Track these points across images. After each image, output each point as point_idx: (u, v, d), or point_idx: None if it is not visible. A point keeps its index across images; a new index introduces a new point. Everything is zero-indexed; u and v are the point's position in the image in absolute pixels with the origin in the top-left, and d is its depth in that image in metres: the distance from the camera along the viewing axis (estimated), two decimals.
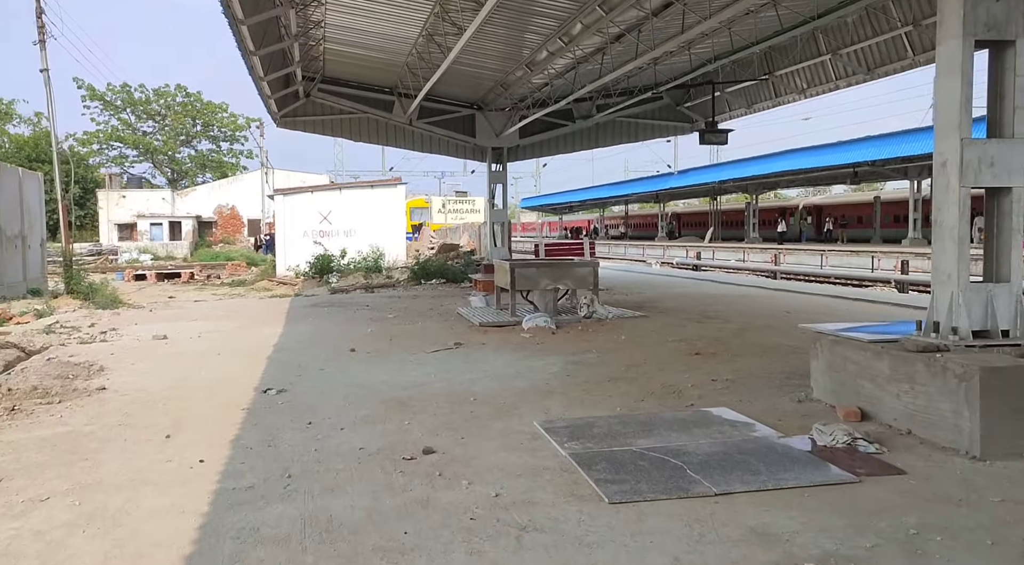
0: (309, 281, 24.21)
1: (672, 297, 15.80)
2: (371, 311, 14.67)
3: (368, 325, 12.47)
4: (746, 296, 15.63)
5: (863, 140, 38.00)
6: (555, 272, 12.45)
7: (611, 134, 21.81)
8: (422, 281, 20.67)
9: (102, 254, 42.45)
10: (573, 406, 6.53)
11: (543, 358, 8.89)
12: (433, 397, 7.03)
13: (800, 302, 14.20)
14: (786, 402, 6.38)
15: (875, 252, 30.82)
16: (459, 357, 9.19)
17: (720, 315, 12.43)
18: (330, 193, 27.21)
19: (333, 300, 17.50)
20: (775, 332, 10.36)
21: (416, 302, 16.29)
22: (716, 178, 51.83)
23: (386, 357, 9.33)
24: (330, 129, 20.41)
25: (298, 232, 26.72)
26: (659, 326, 11.28)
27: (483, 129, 20.75)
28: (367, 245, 25.74)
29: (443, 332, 11.42)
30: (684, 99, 20.94)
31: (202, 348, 10.52)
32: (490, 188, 21.05)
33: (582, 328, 11.27)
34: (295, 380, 8.05)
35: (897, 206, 47.06)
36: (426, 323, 12.58)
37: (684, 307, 13.77)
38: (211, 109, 68.27)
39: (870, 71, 14.52)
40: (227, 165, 69.42)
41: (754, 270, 31.38)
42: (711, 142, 16.51)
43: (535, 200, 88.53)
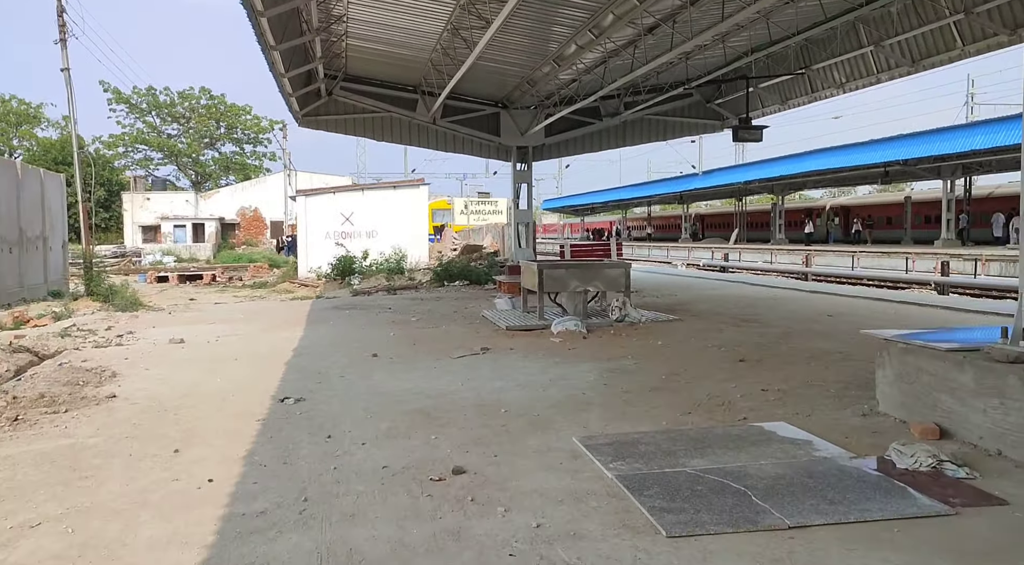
0: (331, 283, 23.85)
1: (705, 299, 15.22)
2: (393, 314, 14.23)
3: (391, 328, 12.02)
4: (781, 298, 15.01)
5: (894, 139, 37.09)
6: (585, 274, 11.93)
7: (639, 132, 21.24)
8: (445, 283, 20.23)
9: (125, 256, 42.49)
10: (614, 419, 6.00)
11: (576, 365, 8.37)
12: (461, 408, 6.54)
13: (839, 305, 13.56)
14: (849, 416, 5.81)
15: (909, 253, 29.97)
16: (487, 363, 8.70)
17: (758, 318, 11.84)
18: (352, 194, 26.87)
19: (355, 302, 17.10)
20: (821, 337, 9.76)
21: (439, 304, 15.83)
22: (742, 179, 50.94)
23: (410, 363, 8.86)
24: (352, 128, 20.03)
25: (320, 234, 26.40)
26: (696, 330, 10.72)
27: (508, 128, 20.27)
28: (389, 246, 25.37)
29: (468, 336, 10.94)
30: (715, 96, 20.32)
31: (219, 352, 10.11)
32: (514, 188, 20.56)
33: (614, 332, 10.74)
34: (314, 388, 7.60)
35: (928, 207, 45.98)
36: (450, 327, 12.10)
37: (719, 310, 13.18)
38: (235, 111, 68.42)
39: (915, 63, 13.85)
40: (250, 167, 69.56)
41: (783, 272, 30.63)
42: (745, 139, 15.91)
43: (556, 201, 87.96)
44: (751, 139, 15.93)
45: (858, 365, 7.73)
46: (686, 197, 64.75)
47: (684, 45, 12.34)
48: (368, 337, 11.11)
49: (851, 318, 11.64)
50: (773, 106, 18.42)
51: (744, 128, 15.95)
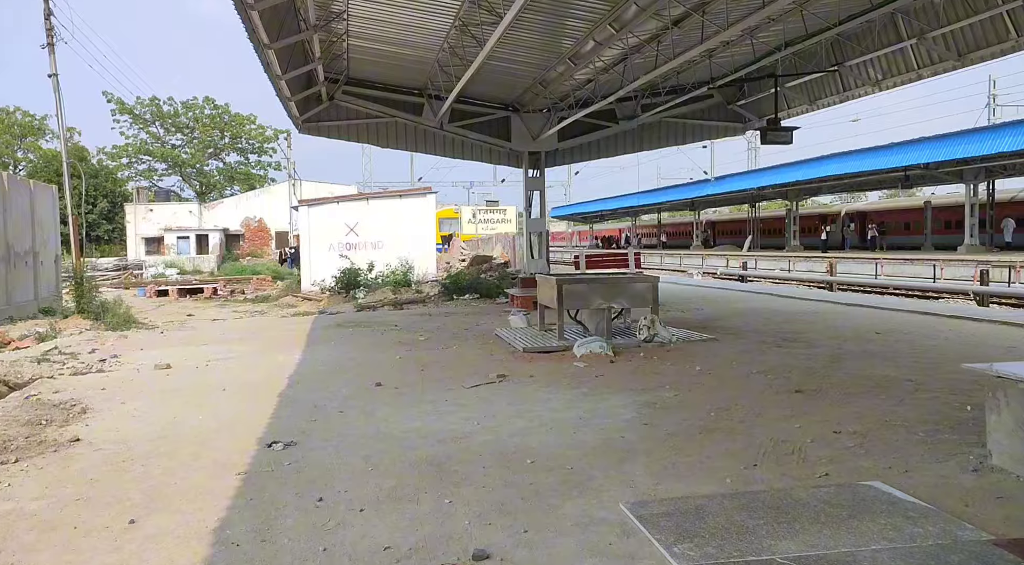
0: (335, 297, 22.87)
1: (735, 314, 14.16)
2: (400, 332, 13.22)
3: (396, 350, 11.01)
4: (817, 313, 13.94)
5: (916, 142, 35.95)
6: (608, 289, 10.90)
7: (656, 136, 20.23)
8: (454, 296, 19.22)
9: (127, 269, 41.68)
10: (665, 474, 4.96)
11: (608, 397, 7.32)
12: (478, 457, 5.51)
13: (883, 320, 12.48)
14: (957, 472, 4.75)
15: (936, 260, 28.81)
16: (504, 394, 7.66)
17: (800, 337, 10.78)
18: (357, 204, 25.91)
19: (359, 318, 16.10)
20: (879, 360, 8.70)
21: (449, 321, 14.82)
22: (755, 184, 49.89)
23: (418, 394, 7.84)
24: (355, 134, 19.07)
25: (324, 245, 25.43)
26: (735, 352, 9.67)
27: (519, 132, 19.27)
28: (396, 258, 24.37)
29: (481, 359, 9.92)
30: (736, 97, 19.30)
31: (207, 381, 9.11)
32: (526, 195, 19.55)
33: (644, 355, 9.69)
34: (308, 428, 6.58)
35: (949, 211, 44.88)
36: (461, 348, 11.08)
37: (754, 327, 12.12)
38: (239, 121, 67.79)
39: (961, 57, 12.81)
40: (255, 177, 68.82)
41: (804, 280, 29.51)
42: (774, 141, 14.88)
43: (565, 209, 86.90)
44: (781, 141, 14.89)
45: (937, 399, 6.68)
46: (698, 204, 63.70)
47: (713, 39, 11.32)
48: (372, 361, 10.10)
49: (904, 336, 10.57)
50: (801, 106, 17.38)
51: (773, 129, 14.92)
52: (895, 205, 52.41)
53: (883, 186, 45.16)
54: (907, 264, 33.37)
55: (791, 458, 5.16)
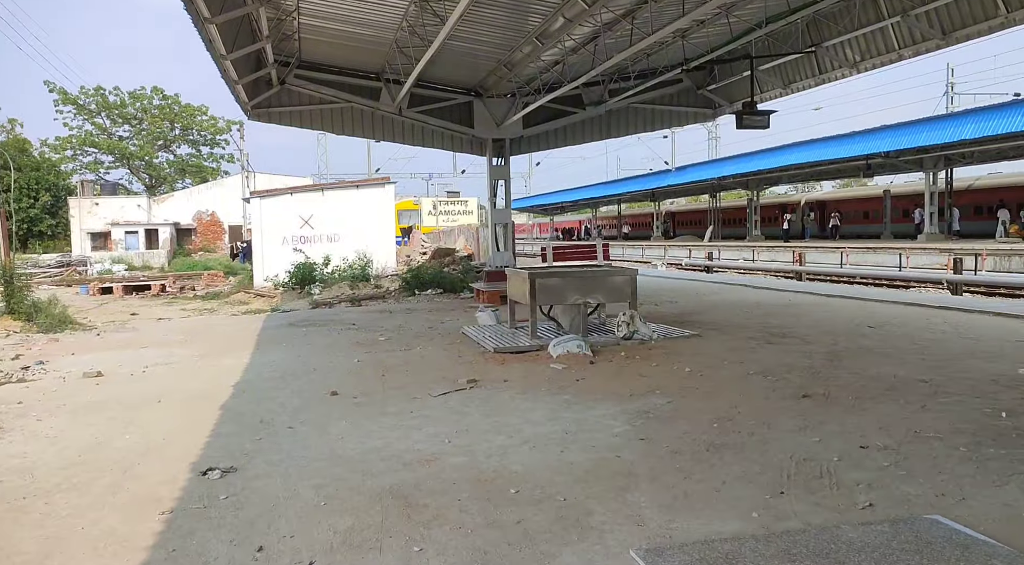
0: (289, 293, 21.77)
1: (712, 307, 13.49)
2: (358, 331, 12.28)
3: (355, 352, 10.08)
4: (798, 305, 13.33)
5: (877, 130, 35.87)
6: (584, 283, 10.10)
7: (625, 122, 19.49)
8: (416, 291, 18.28)
9: (71, 265, 39.80)
10: (677, 506, 4.16)
11: (594, 406, 6.52)
12: (452, 485, 4.66)
13: (872, 312, 11.90)
14: (1019, 496, 4.04)
15: (902, 249, 28.65)
16: (477, 404, 6.82)
17: (789, 332, 10.10)
18: (311, 195, 24.77)
19: (314, 316, 15.09)
20: (882, 358, 8.03)
21: (411, 318, 13.91)
22: (717, 174, 49.70)
23: (379, 405, 6.95)
24: (309, 121, 17.99)
25: (277, 238, 24.28)
26: (723, 350, 8.94)
27: (482, 118, 18.37)
28: (353, 251, 23.34)
29: (449, 361, 9.06)
30: (706, 82, 18.64)
31: (141, 391, 8.11)
32: (491, 185, 18.66)
33: (626, 355, 8.91)
34: (252, 449, 5.67)
35: (907, 200, 45.15)
36: (426, 348, 10.20)
37: (737, 321, 11.43)
38: (190, 112, 65.62)
39: (946, 35, 12.25)
40: (207, 170, 66.77)
41: (771, 271, 29.14)
42: (750, 126, 14.21)
43: (525, 201, 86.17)
44: (757, 125, 14.23)
45: (963, 403, 6.00)
46: (658, 194, 63.42)
47: (695, 11, 10.54)
48: (327, 365, 9.17)
49: (898, 330, 9.96)
50: (775, 90, 16.77)
51: (749, 113, 14.25)
52: (854, 194, 52.70)
53: (844, 175, 45.25)
54: (871, 253, 33.27)
55: (821, 483, 4.39)
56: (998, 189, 40.21)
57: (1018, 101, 27.86)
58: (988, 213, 39.29)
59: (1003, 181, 41.08)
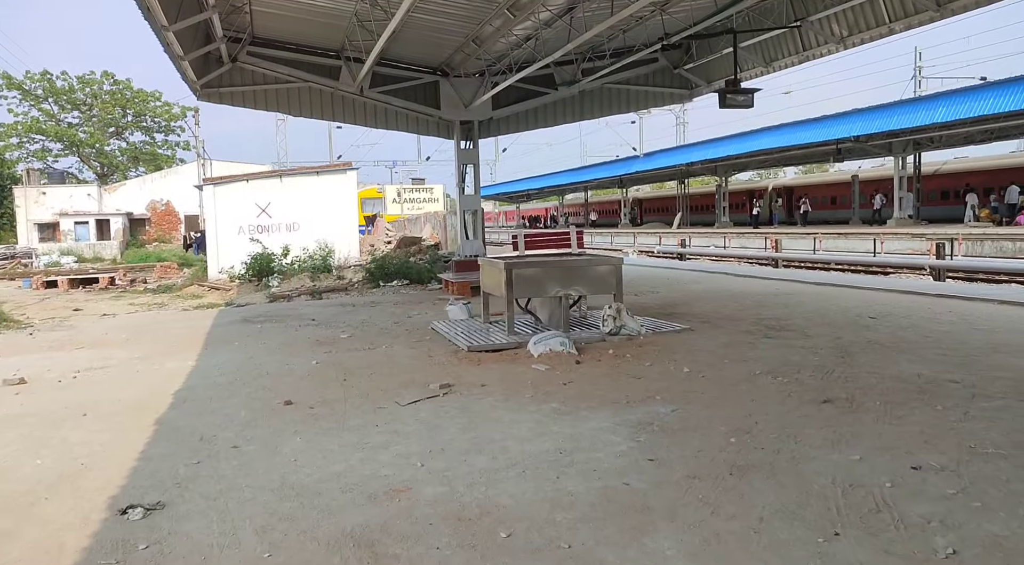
0: (245, 285, 20.64)
1: (697, 298, 12.75)
2: (318, 328, 11.31)
3: (313, 352, 9.13)
4: (787, 294, 12.65)
5: (847, 114, 35.54)
6: (565, 274, 9.26)
7: (599, 103, 18.63)
8: (381, 283, 17.30)
9: (15, 257, 37.96)
10: (708, 554, 3.33)
11: (587, 416, 5.68)
12: (427, 527, 3.79)
13: (868, 301, 11.23)
14: None
15: (876, 234, 28.31)
16: (453, 414, 5.94)
17: (786, 325, 9.37)
18: (269, 182, 23.57)
19: (271, 311, 14.06)
20: (896, 353, 7.31)
21: (376, 312, 12.96)
22: (685, 160, 49.20)
23: (340, 417, 6.05)
24: (264, 102, 16.85)
25: (233, 228, 23.08)
26: (720, 346, 8.17)
27: (449, 99, 17.38)
28: (313, 241, 22.29)
29: (418, 362, 8.16)
30: (683, 61, 17.87)
31: (67, 402, 7.08)
32: (459, 170, 17.71)
33: (614, 352, 8.09)
34: (186, 476, 4.74)
35: (875, 185, 45.15)
36: (393, 347, 9.28)
37: (727, 313, 10.68)
38: (142, 98, 63.36)
39: (941, 6, 11.57)
40: (162, 158, 64.60)
41: (747, 258, 28.63)
42: (734, 105, 13.46)
43: (491, 189, 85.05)
44: (741, 105, 13.48)
45: (1010, 409, 5.28)
46: (626, 181, 62.85)
47: None
48: (282, 367, 8.22)
49: (903, 321, 9.28)
50: (756, 69, 16.04)
51: (732, 91, 13.49)
52: (821, 180, 52.60)
53: (813, 160, 44.97)
54: (842, 238, 32.98)
55: (882, 519, 3.59)
56: (965, 174, 40.28)
57: (990, 84, 27.58)
58: (955, 197, 39.36)
59: (969, 166, 41.15)
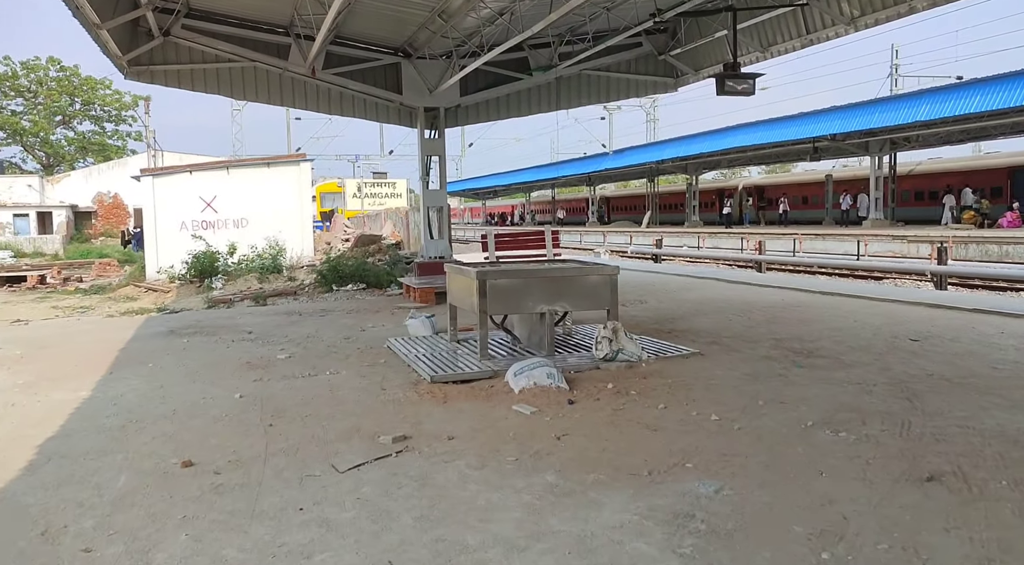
0: (186, 287, 18.66)
1: (694, 310, 11.19)
2: (254, 343, 9.53)
3: (241, 379, 7.37)
4: (799, 306, 11.13)
5: (825, 111, 34.52)
6: (551, 286, 7.61)
7: (576, 91, 17.01)
8: (334, 287, 15.50)
9: None
10: None
11: (599, 501, 4.03)
12: None
13: (893, 317, 9.76)
14: None
15: (861, 235, 27.14)
16: (409, 494, 4.25)
17: (814, 348, 7.83)
18: (215, 173, 21.57)
19: (206, 319, 12.20)
20: (979, 395, 5.77)
21: (325, 323, 11.20)
22: (657, 157, 47.98)
23: (251, 493, 4.33)
24: (203, 83, 14.93)
25: (174, 223, 21.04)
26: (743, 379, 6.59)
27: (412, 83, 15.62)
28: (263, 238, 20.37)
29: (369, 398, 6.46)
30: (669, 46, 16.33)
31: None
32: (423, 161, 15.96)
33: (614, 386, 6.45)
34: None
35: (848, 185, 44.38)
36: (339, 373, 7.56)
37: (737, 330, 9.12)
38: (90, 85, 60.42)
39: None
40: (111, 148, 61.72)
41: (725, 260, 27.28)
42: (733, 92, 11.94)
43: (457, 185, 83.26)
44: (740, 91, 11.97)
45: None
46: (595, 179, 61.52)
47: None
48: (196, 404, 6.46)
49: (954, 345, 7.78)
50: (752, 54, 14.54)
51: (732, 77, 11.98)
52: (793, 179, 51.76)
53: (788, 159, 43.96)
54: (819, 239, 31.85)
55: None
56: (940, 175, 39.55)
57: (976, 81, 26.58)
58: (929, 199, 38.62)
59: (945, 166, 40.42)
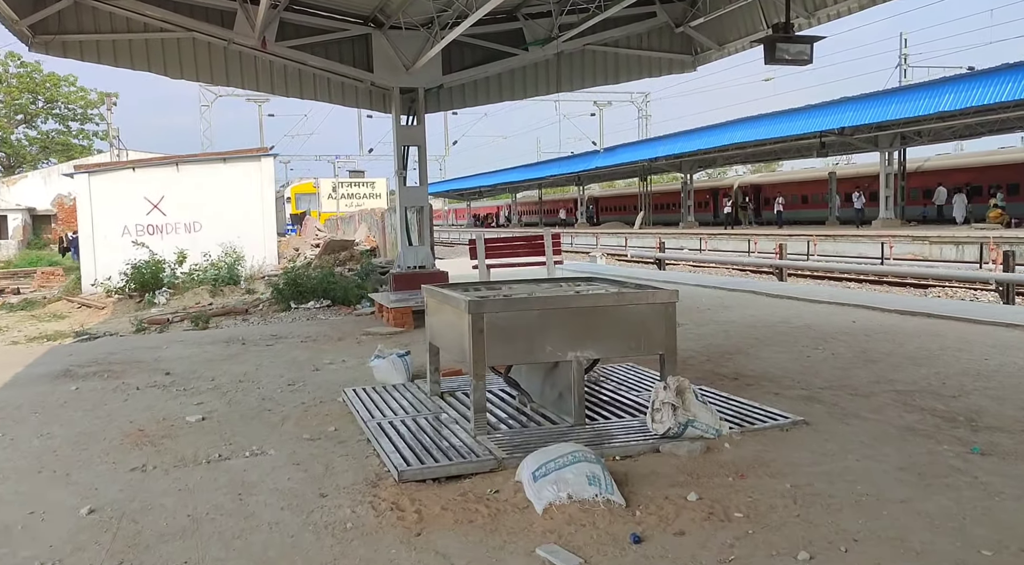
0: (125, 302, 16.05)
1: (751, 337, 8.69)
2: (162, 395, 6.92)
3: (113, 467, 4.78)
4: (886, 331, 8.66)
5: (836, 103, 32.13)
6: (577, 321, 5.08)
7: (580, 70, 14.49)
8: (292, 304, 12.91)
9: None
10: None
11: None
12: None
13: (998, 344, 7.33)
14: None
15: (884, 236, 24.82)
16: None
17: (973, 410, 5.33)
18: (163, 171, 18.91)
19: (119, 351, 9.55)
20: None
21: (270, 357, 8.61)
22: (651, 155, 45.59)
23: None
24: (127, 56, 12.30)
25: (116, 228, 18.42)
26: (902, 479, 4.08)
27: (385, 58, 13.02)
28: (218, 244, 17.76)
29: (292, 521, 3.90)
30: (688, 16, 13.88)
31: None
32: (399, 152, 13.35)
33: (699, 498, 3.91)
34: None
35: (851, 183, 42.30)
36: (263, 453, 4.99)
37: (833, 376, 6.61)
38: (54, 82, 57.37)
39: None
40: (76, 148, 58.66)
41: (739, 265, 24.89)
42: (783, 59, 9.49)
43: (441, 185, 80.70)
44: (794, 59, 9.52)
45: None
46: (584, 178, 59.16)
47: None
48: (5, 530, 3.87)
49: None
50: (798, 19, 12.13)
51: (784, 39, 9.55)
52: (793, 177, 49.63)
53: (789, 155, 41.72)
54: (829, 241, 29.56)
55: None
56: (951, 171, 37.47)
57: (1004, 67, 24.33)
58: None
59: (954, 163, 38.34)
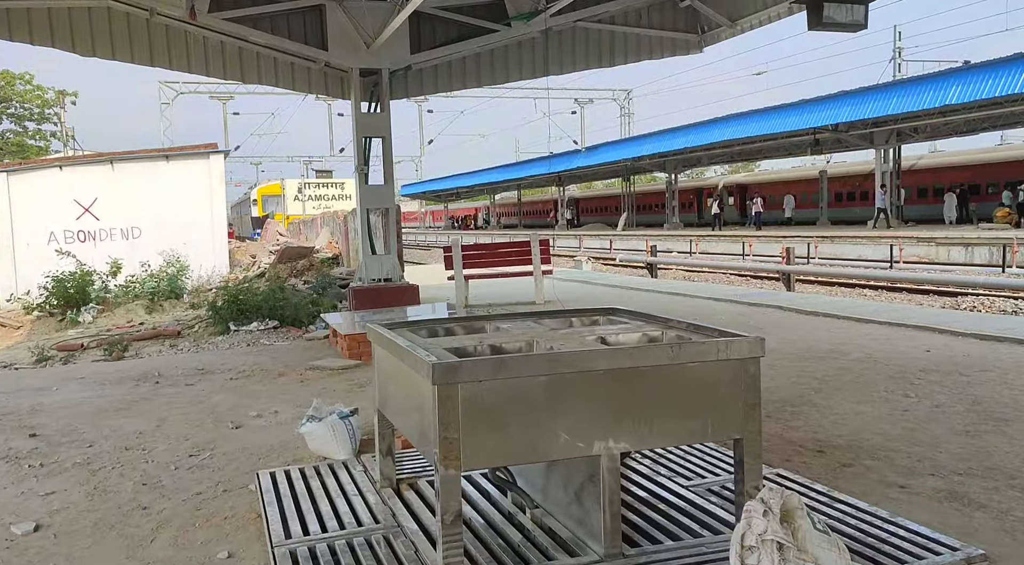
0: (46, 320, 13.89)
1: (808, 375, 6.75)
2: (11, 470, 4.84)
3: None
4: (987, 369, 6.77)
5: (830, 98, 30.57)
6: (607, 392, 3.09)
7: (571, 50, 12.56)
8: (231, 326, 10.81)
9: None
10: None
11: None
12: None
13: None
14: None
15: (895, 238, 23.17)
16: None
17: None
18: (95, 169, 16.70)
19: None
20: None
21: (179, 409, 6.52)
22: (635, 154, 43.97)
23: None
24: (25, 30, 10.11)
25: (41, 234, 16.19)
26: None
27: (342, 34, 10.96)
28: (159, 253, 15.62)
29: None
30: None
31: None
32: (358, 145, 11.26)
33: None
34: None
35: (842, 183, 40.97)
36: None
37: (968, 452, 4.68)
38: (7, 79, 54.54)
39: None
40: (31, 149, 55.82)
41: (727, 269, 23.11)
42: (833, 23, 7.55)
43: (417, 187, 78.67)
44: (846, 24, 7.66)
45: None
46: (565, 178, 57.41)
47: None
48: None
49: None
50: None
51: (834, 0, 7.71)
52: (779, 176, 48.23)
53: (781, 153, 40.21)
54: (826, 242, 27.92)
55: None
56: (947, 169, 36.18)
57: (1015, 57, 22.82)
58: (934, 196, 35.24)
59: (952, 160, 37.01)
